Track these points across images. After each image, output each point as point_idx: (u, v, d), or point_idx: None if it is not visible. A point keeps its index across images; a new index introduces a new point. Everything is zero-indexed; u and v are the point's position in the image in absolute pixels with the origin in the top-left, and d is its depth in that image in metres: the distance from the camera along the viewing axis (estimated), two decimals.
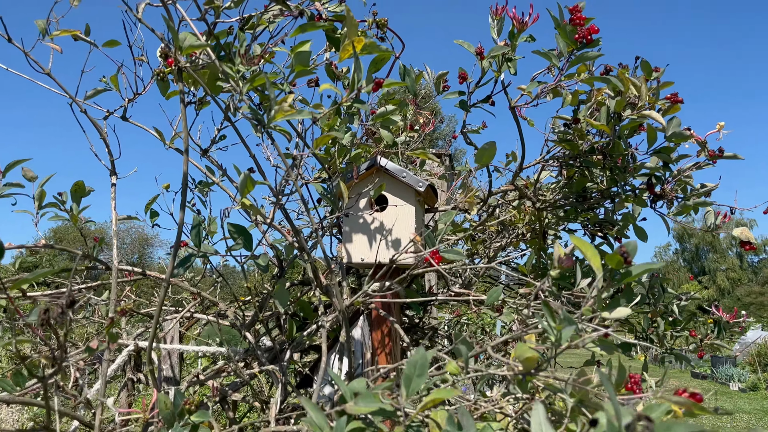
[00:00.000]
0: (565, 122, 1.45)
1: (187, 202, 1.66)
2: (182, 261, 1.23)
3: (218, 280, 1.97)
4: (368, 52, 0.93)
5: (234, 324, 1.52)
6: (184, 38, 0.92)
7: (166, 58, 1.17)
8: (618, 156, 1.43)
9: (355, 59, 0.88)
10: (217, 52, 1.07)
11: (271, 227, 1.20)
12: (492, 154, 0.97)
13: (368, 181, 1.44)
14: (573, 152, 1.48)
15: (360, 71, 0.89)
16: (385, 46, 1.18)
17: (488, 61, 1.30)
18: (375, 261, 1.41)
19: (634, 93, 1.38)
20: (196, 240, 1.24)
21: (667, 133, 1.38)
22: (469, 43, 1.30)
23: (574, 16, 1.26)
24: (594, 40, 1.24)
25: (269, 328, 1.59)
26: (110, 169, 1.29)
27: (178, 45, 0.91)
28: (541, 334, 0.76)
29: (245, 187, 0.91)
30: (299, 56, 0.89)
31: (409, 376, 0.65)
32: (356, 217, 1.45)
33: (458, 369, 0.74)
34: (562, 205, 1.63)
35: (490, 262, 1.63)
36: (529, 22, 1.19)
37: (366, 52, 0.91)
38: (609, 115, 1.42)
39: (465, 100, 1.31)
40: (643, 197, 1.52)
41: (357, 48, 0.87)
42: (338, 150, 1.55)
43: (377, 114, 1.19)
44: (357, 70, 0.89)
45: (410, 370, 0.65)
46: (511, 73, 1.28)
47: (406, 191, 1.44)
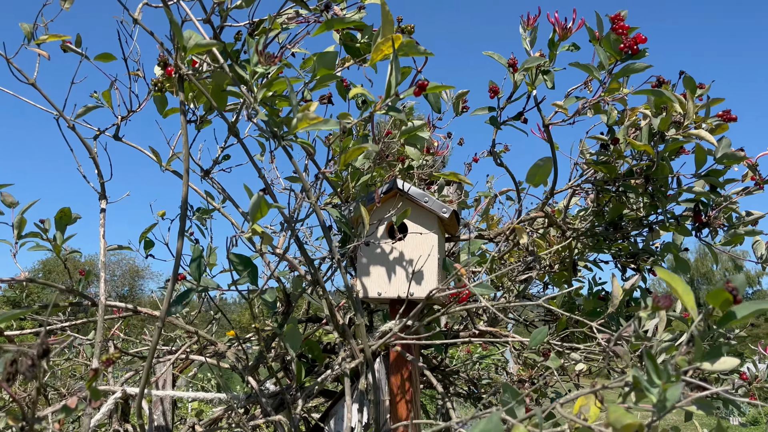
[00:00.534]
0: (602, 143, 1.32)
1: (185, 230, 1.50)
2: (180, 297, 1.08)
3: (216, 316, 1.81)
4: (404, 54, 0.79)
5: (234, 367, 1.36)
6: (189, 37, 0.79)
7: (165, 67, 1.03)
8: (662, 180, 1.30)
9: (394, 59, 0.75)
10: (223, 58, 0.94)
11: (283, 259, 1.05)
12: (547, 171, 0.84)
13: (386, 207, 1.30)
14: (610, 176, 1.34)
15: (398, 73, 0.76)
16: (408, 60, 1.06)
17: (521, 73, 1.17)
18: (395, 296, 1.26)
19: (679, 111, 1.26)
20: (195, 273, 1.09)
21: (717, 155, 1.26)
22: (499, 54, 1.18)
23: (616, 26, 1.14)
24: (640, 51, 1.12)
25: (274, 370, 1.43)
26: (100, 192, 1.14)
27: (182, 45, 0.78)
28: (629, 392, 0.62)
29: (258, 211, 0.77)
30: (323, 59, 0.75)
31: None
32: (373, 247, 1.30)
33: None
34: (595, 234, 1.49)
35: (518, 297, 1.48)
36: (573, 28, 1.07)
37: (402, 53, 0.78)
38: (651, 134, 1.29)
39: (495, 116, 1.18)
40: (685, 225, 1.39)
41: (396, 45, 0.74)
42: (351, 173, 1.41)
43: (403, 130, 1.06)
44: (395, 71, 0.75)
45: None
46: (548, 87, 1.16)
47: (429, 218, 1.30)
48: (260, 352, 1.28)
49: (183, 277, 1.12)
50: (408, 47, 0.78)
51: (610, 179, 1.36)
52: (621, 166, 1.36)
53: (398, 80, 0.76)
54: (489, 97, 1.17)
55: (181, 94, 0.93)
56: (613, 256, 1.64)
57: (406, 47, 0.77)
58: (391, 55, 0.76)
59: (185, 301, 1.10)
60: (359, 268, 1.30)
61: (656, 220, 1.44)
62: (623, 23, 1.15)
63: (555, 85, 1.15)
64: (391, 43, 0.74)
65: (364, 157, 1.45)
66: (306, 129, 0.75)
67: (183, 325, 1.36)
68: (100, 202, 1.14)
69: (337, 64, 1.29)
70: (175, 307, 1.08)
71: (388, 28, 0.74)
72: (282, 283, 1.35)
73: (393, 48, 0.73)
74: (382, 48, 0.76)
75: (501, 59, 1.17)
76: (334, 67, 0.77)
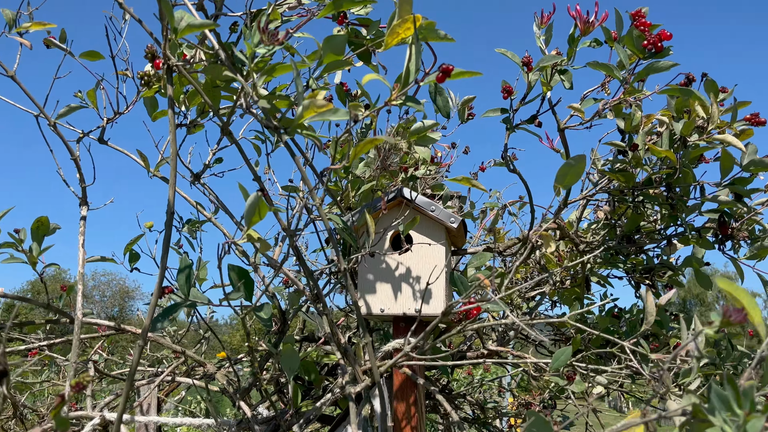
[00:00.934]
0: (620, 149, 1.24)
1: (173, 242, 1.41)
2: (166, 311, 0.98)
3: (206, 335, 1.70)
4: (423, 38, 0.71)
5: (225, 390, 1.25)
6: (181, 18, 0.70)
7: (153, 59, 0.95)
8: (684, 189, 1.22)
9: (415, 41, 0.66)
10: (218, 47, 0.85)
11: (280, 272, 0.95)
12: (579, 172, 0.75)
13: (391, 217, 1.21)
14: (627, 185, 1.26)
15: (419, 58, 0.67)
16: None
17: (536, 73, 1.10)
18: (400, 313, 1.17)
19: (702, 115, 1.18)
20: (183, 286, 0.99)
21: (743, 162, 1.18)
22: (512, 52, 1.10)
23: (637, 23, 1.07)
24: (665, 48, 1.05)
25: (268, 394, 1.32)
26: (81, 197, 1.05)
27: (172, 26, 0.69)
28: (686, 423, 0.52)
29: (255, 213, 0.68)
30: (331, 43, 0.67)
31: None
32: (375, 261, 1.21)
33: None
34: (609, 248, 1.40)
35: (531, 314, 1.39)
36: (596, 22, 0.99)
37: (421, 36, 0.69)
38: (671, 140, 1.21)
39: (509, 117, 1.10)
40: (707, 238, 1.31)
41: (415, 25, 0.65)
42: (351, 182, 1.32)
43: (413, 130, 0.97)
44: (415, 56, 0.66)
45: None
46: (566, 87, 1.08)
47: (436, 229, 1.21)
48: (253, 374, 1.18)
49: (170, 291, 1.02)
50: (427, 30, 0.69)
51: (628, 188, 1.28)
52: (638, 174, 1.28)
53: (418, 66, 0.67)
54: (502, 98, 1.09)
55: (170, 87, 0.84)
56: (626, 272, 1.55)
57: (426, 30, 0.69)
58: (409, 38, 0.67)
59: (171, 316, 0.99)
60: (361, 283, 1.21)
61: (675, 233, 1.36)
62: (644, 20, 1.08)
63: (573, 85, 1.08)
64: (408, 24, 0.65)
65: (365, 165, 1.36)
66: (312, 119, 0.66)
67: (169, 345, 1.25)
68: (81, 209, 1.05)
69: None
70: (160, 323, 0.98)
71: (406, 9, 0.66)
72: (277, 299, 1.25)
73: (414, 27, 0.65)
74: (399, 30, 0.67)
75: (514, 57, 1.09)
76: (343, 53, 0.68)
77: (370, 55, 1.02)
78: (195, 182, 1.05)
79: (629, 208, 1.34)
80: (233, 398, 1.19)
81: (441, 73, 0.67)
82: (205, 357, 1.69)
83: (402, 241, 1.22)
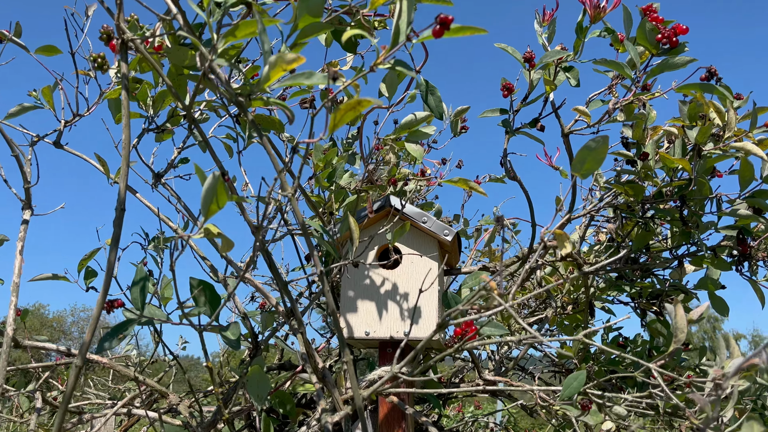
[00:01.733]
0: (629, 159, 1.14)
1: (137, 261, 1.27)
2: (115, 329, 0.84)
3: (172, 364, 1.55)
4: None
5: (188, 424, 1.10)
6: None
7: (109, 41, 0.83)
8: (699, 202, 1.12)
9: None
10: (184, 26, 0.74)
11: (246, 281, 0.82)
12: (600, 157, 0.63)
13: (377, 229, 1.09)
14: (636, 198, 1.15)
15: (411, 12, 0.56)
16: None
17: (537, 72, 1.00)
18: (387, 336, 1.04)
19: (717, 122, 1.09)
20: (138, 300, 0.86)
21: (764, 173, 1.08)
22: (513, 48, 1.00)
23: (650, 17, 0.98)
24: (680, 44, 0.95)
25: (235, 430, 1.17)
26: (23, 200, 0.92)
27: None
28: None
29: (213, 200, 0.56)
30: (307, 2, 0.56)
31: None
32: (360, 278, 1.09)
33: None
34: (615, 269, 1.29)
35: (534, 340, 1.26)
36: (608, 7, 0.90)
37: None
38: (684, 150, 1.11)
39: (508, 119, 1.00)
40: (723, 258, 1.20)
41: None
42: (335, 193, 1.21)
43: (403, 124, 0.86)
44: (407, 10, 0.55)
45: None
46: (572, 85, 0.98)
47: (428, 242, 1.09)
48: (218, 407, 1.03)
49: (121, 304, 0.88)
50: None
51: (636, 202, 1.18)
52: (648, 187, 1.18)
53: (410, 20, 0.56)
54: (502, 96, 0.98)
55: (124, 64, 0.73)
56: (631, 297, 1.43)
57: None
58: (398, 1, 0.57)
59: (121, 335, 0.86)
60: (343, 302, 1.08)
61: (687, 252, 1.25)
62: (656, 15, 0.99)
63: (580, 82, 0.98)
64: None
65: (350, 176, 1.25)
66: (283, 83, 0.54)
67: (125, 371, 1.11)
68: (23, 212, 0.91)
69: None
70: (108, 342, 0.84)
71: None
72: (249, 321, 1.12)
73: None
74: None
75: (515, 53, 0.99)
76: (321, 15, 0.57)
77: (356, 44, 0.92)
78: (157, 183, 0.92)
79: (637, 225, 1.23)
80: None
81: (438, 25, 0.56)
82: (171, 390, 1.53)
83: (389, 256, 1.09)
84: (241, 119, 0.81)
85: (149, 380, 1.15)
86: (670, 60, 0.94)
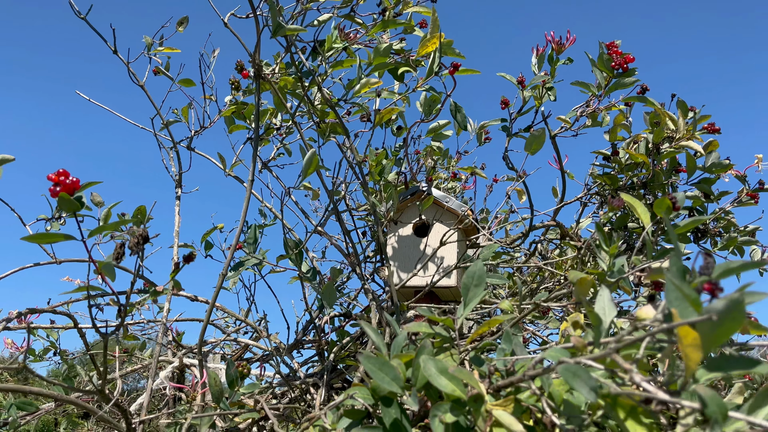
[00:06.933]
0: (604, 156, 1.50)
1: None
2: (236, 266, 1.27)
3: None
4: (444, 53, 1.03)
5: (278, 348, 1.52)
6: (278, 25, 1.01)
7: (242, 70, 1.29)
8: (657, 188, 1.47)
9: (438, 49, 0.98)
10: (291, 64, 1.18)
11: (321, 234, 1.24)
12: (541, 141, 1.02)
13: (412, 208, 1.49)
14: (613, 186, 1.51)
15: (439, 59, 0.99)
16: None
17: (529, 90, 1.39)
18: (422, 284, 1.43)
19: (671, 127, 1.44)
20: (252, 246, 1.28)
21: (707, 164, 1.42)
22: (510, 75, 1.40)
23: (611, 51, 1.36)
24: (630, 69, 1.32)
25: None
26: (176, 180, 1.38)
27: (276, 25, 0.98)
28: None
29: (311, 166, 0.97)
30: (379, 50, 0.99)
31: (467, 285, 0.67)
32: (400, 243, 1.49)
33: (512, 306, 0.75)
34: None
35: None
36: (566, 44, 1.29)
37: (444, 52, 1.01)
38: (648, 147, 1.47)
39: (507, 126, 1.39)
40: (687, 234, 1.53)
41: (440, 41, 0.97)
42: (383, 186, 1.62)
43: (430, 129, 1.27)
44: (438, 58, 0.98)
45: (468, 280, 0.67)
46: (552, 100, 1.36)
47: (450, 217, 1.48)
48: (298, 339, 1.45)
49: (240, 247, 1.31)
50: (447, 46, 1.01)
51: (613, 190, 1.53)
52: (627, 180, 1.53)
53: (438, 65, 0.99)
54: (500, 109, 1.38)
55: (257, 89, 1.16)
56: None
57: (446, 46, 1.01)
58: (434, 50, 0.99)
59: (240, 270, 1.28)
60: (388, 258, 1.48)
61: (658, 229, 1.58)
62: (617, 49, 1.36)
63: (558, 99, 1.36)
64: (435, 40, 0.97)
65: (396, 174, 1.67)
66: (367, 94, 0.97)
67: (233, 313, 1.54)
68: (176, 190, 1.37)
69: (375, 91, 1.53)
70: (233, 273, 1.27)
71: (435, 30, 0.98)
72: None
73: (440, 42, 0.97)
74: (428, 44, 0.99)
75: (512, 79, 1.38)
76: (387, 57, 1.00)
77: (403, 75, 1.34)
78: (262, 169, 1.37)
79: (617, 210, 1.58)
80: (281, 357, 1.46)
81: (452, 67, 0.98)
82: None
83: (422, 228, 1.49)
84: (322, 126, 1.24)
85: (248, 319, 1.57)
86: (621, 81, 1.32)
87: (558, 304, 0.97)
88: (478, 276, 0.66)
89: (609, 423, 0.53)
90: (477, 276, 0.66)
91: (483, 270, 0.67)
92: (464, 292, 0.66)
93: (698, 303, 0.41)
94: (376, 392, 0.64)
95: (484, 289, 0.66)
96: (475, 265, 0.67)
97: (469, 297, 0.66)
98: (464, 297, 0.66)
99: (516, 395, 0.61)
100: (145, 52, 1.32)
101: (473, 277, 0.67)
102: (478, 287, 0.66)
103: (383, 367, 0.59)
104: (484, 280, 0.66)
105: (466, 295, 0.66)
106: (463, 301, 0.66)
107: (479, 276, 0.66)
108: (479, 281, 0.66)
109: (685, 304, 0.41)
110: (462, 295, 0.67)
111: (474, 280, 0.66)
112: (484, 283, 0.66)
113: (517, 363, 0.64)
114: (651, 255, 0.79)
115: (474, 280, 0.66)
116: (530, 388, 0.59)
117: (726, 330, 0.39)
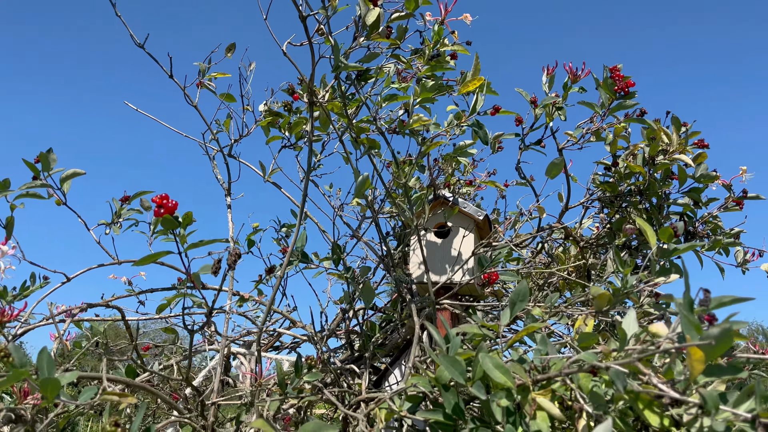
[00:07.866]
0: (606, 166, 1.68)
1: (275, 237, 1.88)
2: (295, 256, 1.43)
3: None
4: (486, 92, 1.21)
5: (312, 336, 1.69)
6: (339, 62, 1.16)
7: (292, 93, 1.44)
8: (653, 195, 1.65)
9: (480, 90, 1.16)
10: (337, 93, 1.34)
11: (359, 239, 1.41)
12: (560, 167, 1.19)
13: (434, 213, 1.66)
14: (613, 193, 1.69)
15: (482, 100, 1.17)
16: None
17: (540, 109, 1.55)
18: (439, 280, 1.60)
19: (666, 141, 1.62)
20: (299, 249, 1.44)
21: (696, 175, 1.60)
22: (526, 92, 1.56)
23: (614, 75, 1.52)
24: (630, 93, 1.49)
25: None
26: (226, 189, 1.53)
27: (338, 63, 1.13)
28: None
29: (363, 186, 1.13)
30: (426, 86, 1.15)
31: (513, 300, 0.84)
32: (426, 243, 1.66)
33: (542, 313, 0.93)
34: (603, 244, 1.82)
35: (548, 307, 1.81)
36: (581, 75, 1.45)
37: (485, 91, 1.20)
38: (644, 159, 1.64)
39: (521, 139, 1.55)
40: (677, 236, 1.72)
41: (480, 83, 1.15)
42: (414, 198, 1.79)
43: (457, 147, 1.44)
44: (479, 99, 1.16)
45: (515, 296, 0.84)
46: (562, 119, 1.53)
47: (467, 221, 1.65)
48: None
49: (285, 250, 1.47)
50: (486, 87, 1.18)
51: (613, 197, 1.71)
52: (625, 188, 1.71)
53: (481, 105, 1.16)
54: (515, 125, 1.54)
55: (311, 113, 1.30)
56: None
57: (485, 87, 1.18)
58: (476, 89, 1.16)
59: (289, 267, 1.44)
60: (412, 260, 1.66)
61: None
62: (619, 73, 1.53)
63: (568, 118, 1.53)
64: (476, 81, 1.14)
65: (417, 180, 1.83)
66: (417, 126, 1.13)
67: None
68: (226, 198, 1.53)
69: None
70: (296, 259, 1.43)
71: (476, 71, 1.15)
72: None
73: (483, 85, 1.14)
74: (469, 85, 1.16)
75: (526, 96, 1.55)
76: (432, 93, 1.16)
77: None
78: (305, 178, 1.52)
79: (616, 213, 1.76)
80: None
81: (494, 110, 1.15)
82: None
83: (442, 230, 1.66)
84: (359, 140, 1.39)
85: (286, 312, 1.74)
86: (623, 103, 1.49)
87: (577, 310, 1.15)
88: (522, 293, 0.84)
89: (629, 411, 0.71)
90: (522, 293, 0.84)
91: (527, 289, 0.84)
92: (511, 305, 0.84)
93: (700, 328, 0.59)
94: (438, 381, 0.81)
95: (526, 303, 0.83)
96: (521, 284, 0.84)
97: (515, 309, 0.83)
98: (510, 308, 0.84)
99: (550, 387, 0.79)
100: (200, 78, 1.46)
101: (519, 293, 0.84)
102: (522, 302, 0.83)
103: (454, 363, 0.76)
104: (527, 296, 0.83)
105: (512, 307, 0.84)
106: (510, 311, 0.84)
107: (524, 293, 0.84)
108: (523, 297, 0.83)
109: (692, 330, 0.58)
110: (509, 307, 0.84)
111: (519, 296, 0.84)
112: (527, 298, 0.83)
113: (551, 361, 0.82)
114: (655, 271, 0.96)
115: (519, 296, 0.84)
116: (565, 383, 0.77)
117: (720, 349, 0.57)
